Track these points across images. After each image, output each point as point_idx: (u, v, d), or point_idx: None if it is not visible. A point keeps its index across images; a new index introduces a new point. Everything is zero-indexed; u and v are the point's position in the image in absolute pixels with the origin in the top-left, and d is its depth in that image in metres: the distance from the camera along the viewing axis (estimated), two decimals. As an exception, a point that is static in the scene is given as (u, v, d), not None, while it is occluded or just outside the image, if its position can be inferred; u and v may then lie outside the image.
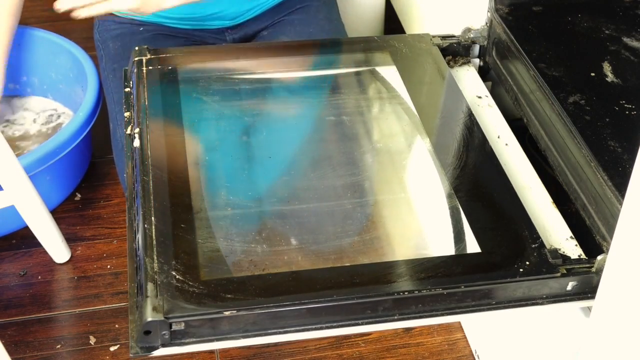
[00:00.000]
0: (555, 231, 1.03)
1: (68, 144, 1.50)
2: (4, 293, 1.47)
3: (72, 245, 1.56)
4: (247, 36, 1.46)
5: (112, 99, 1.38)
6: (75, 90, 1.72)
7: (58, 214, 1.60)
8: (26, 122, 1.77)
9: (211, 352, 1.36)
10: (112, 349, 1.38)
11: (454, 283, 0.90)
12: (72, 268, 1.53)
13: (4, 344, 1.20)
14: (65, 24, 2.02)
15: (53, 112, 1.78)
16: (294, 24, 1.41)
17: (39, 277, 1.50)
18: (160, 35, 1.39)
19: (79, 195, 1.67)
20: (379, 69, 1.26)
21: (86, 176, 1.70)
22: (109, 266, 1.53)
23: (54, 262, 1.53)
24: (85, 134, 1.54)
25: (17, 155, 1.36)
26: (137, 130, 1.08)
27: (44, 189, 1.43)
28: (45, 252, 1.52)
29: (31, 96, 1.83)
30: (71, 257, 1.54)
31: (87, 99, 1.55)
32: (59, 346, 1.38)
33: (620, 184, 0.94)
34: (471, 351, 1.38)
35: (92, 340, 1.40)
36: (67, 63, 1.71)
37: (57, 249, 1.51)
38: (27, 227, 1.45)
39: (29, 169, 1.39)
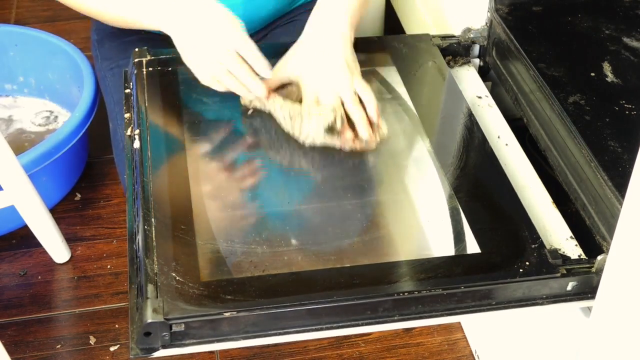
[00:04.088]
0: (555, 231, 1.03)
1: (64, 144, 1.50)
2: (4, 293, 1.47)
3: (72, 245, 1.56)
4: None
5: (111, 99, 1.37)
6: (71, 91, 1.72)
7: (58, 213, 1.60)
8: (23, 123, 1.77)
9: (211, 351, 1.36)
10: (112, 349, 1.38)
11: (454, 283, 0.90)
12: (72, 268, 1.53)
13: (4, 344, 1.21)
14: (65, 25, 2.03)
15: (49, 114, 1.78)
16: (298, 25, 1.39)
17: (39, 277, 1.50)
18: (155, 36, 1.38)
19: (78, 195, 1.67)
20: (379, 69, 1.26)
21: (86, 176, 1.70)
22: (109, 266, 1.53)
23: (54, 262, 1.53)
24: (81, 134, 1.54)
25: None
26: (137, 131, 1.08)
27: (40, 189, 1.43)
28: (45, 252, 1.52)
29: (28, 97, 1.83)
30: (71, 257, 1.54)
31: (84, 99, 1.55)
32: (59, 346, 1.39)
33: (620, 184, 0.94)
34: (471, 351, 1.38)
35: (92, 340, 1.40)
36: (63, 63, 1.71)
37: (57, 249, 1.51)
38: (27, 227, 1.46)
39: (25, 169, 1.39)
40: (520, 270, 0.92)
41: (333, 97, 1.09)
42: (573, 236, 1.02)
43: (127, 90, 1.18)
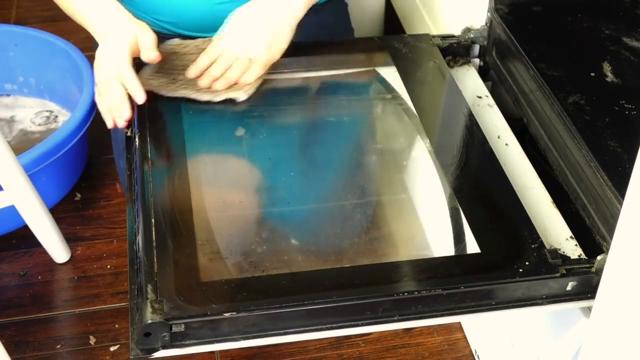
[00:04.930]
0: (555, 231, 1.03)
1: (64, 144, 1.50)
2: (4, 293, 1.47)
3: (72, 245, 1.56)
4: None
5: None
6: (72, 91, 1.71)
7: (58, 213, 1.60)
8: (24, 123, 1.77)
9: (211, 352, 1.36)
10: (112, 349, 1.38)
11: (454, 284, 0.90)
12: (72, 268, 1.53)
13: (4, 344, 1.21)
14: (65, 24, 2.02)
15: (49, 114, 1.78)
16: (302, 26, 1.40)
17: (39, 277, 1.50)
18: (162, 35, 1.38)
19: (78, 195, 1.67)
20: (379, 69, 1.26)
21: (86, 176, 1.70)
22: (109, 266, 1.53)
23: (54, 262, 1.53)
24: (81, 134, 1.54)
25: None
26: (137, 132, 1.08)
27: (40, 189, 1.43)
28: (45, 252, 1.52)
29: (28, 97, 1.83)
30: (71, 257, 1.54)
31: (84, 99, 1.55)
32: (59, 346, 1.39)
33: (620, 184, 0.94)
34: (471, 351, 1.38)
35: (92, 340, 1.40)
36: (63, 63, 1.71)
37: (57, 249, 1.51)
38: (27, 227, 1.46)
39: (25, 169, 1.39)
40: (520, 270, 0.92)
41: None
42: (573, 236, 1.02)
43: (128, 91, 1.18)
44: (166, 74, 1.16)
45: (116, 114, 1.11)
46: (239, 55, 1.14)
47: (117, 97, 1.10)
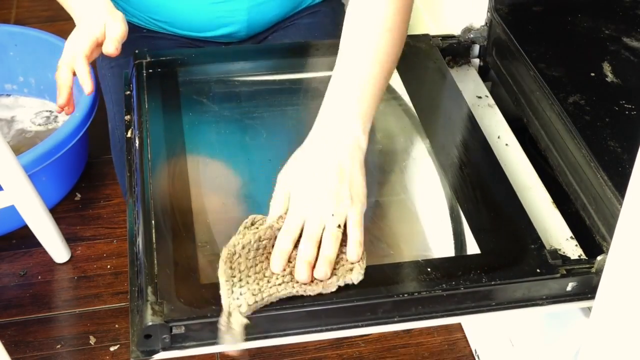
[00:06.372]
0: (555, 231, 1.03)
1: (64, 144, 1.50)
2: (4, 293, 1.48)
3: (72, 245, 1.56)
4: (252, 42, 1.45)
5: (110, 99, 1.37)
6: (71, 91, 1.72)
7: (58, 213, 1.60)
8: (24, 123, 1.77)
9: (212, 353, 1.37)
10: (112, 349, 1.39)
11: (454, 285, 0.90)
12: (72, 268, 1.53)
13: (4, 344, 1.21)
14: (65, 25, 2.02)
15: (49, 114, 1.78)
16: (299, 27, 1.40)
17: (39, 277, 1.51)
18: (157, 34, 1.38)
19: (78, 195, 1.67)
20: (378, 69, 1.26)
21: (86, 176, 1.70)
22: (109, 266, 1.53)
23: (54, 262, 1.53)
24: (81, 134, 1.54)
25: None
26: (137, 133, 1.07)
27: (40, 189, 1.43)
28: (45, 252, 1.52)
29: (28, 97, 1.83)
30: (71, 257, 1.54)
31: (84, 99, 1.55)
32: (59, 346, 1.39)
33: (620, 184, 0.94)
34: (471, 351, 1.38)
35: (92, 340, 1.40)
36: (64, 63, 1.71)
37: (57, 249, 1.51)
38: (27, 227, 1.46)
39: (25, 169, 1.39)
40: (520, 270, 0.92)
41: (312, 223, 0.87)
42: (573, 236, 1.02)
43: (127, 92, 1.18)
44: (250, 277, 0.86)
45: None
46: (323, 220, 0.88)
47: (61, 83, 1.15)
